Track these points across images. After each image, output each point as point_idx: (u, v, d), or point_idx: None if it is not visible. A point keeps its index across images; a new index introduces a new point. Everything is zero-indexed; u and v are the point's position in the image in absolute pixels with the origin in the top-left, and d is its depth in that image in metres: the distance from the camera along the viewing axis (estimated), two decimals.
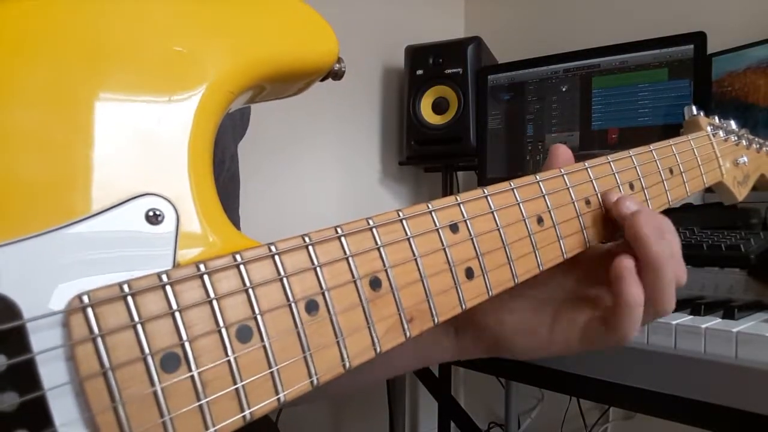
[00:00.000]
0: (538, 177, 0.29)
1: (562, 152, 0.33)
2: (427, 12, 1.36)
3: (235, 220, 0.46)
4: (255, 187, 1.00)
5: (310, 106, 1.11)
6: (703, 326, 0.44)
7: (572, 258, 0.30)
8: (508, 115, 1.10)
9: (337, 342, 0.21)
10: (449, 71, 1.11)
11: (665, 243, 0.29)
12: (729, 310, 0.48)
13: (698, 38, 0.92)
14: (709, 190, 0.44)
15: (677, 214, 0.77)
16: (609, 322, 0.29)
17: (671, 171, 0.37)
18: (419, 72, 1.14)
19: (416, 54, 1.15)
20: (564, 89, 1.04)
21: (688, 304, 0.51)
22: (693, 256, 0.60)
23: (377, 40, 1.25)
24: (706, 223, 0.72)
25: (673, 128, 0.86)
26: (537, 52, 1.09)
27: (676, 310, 0.50)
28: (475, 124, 1.11)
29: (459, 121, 1.11)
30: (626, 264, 0.29)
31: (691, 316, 0.48)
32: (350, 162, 1.22)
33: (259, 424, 0.20)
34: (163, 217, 0.20)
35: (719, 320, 0.46)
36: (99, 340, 0.17)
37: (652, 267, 0.29)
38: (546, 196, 0.29)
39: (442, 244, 0.25)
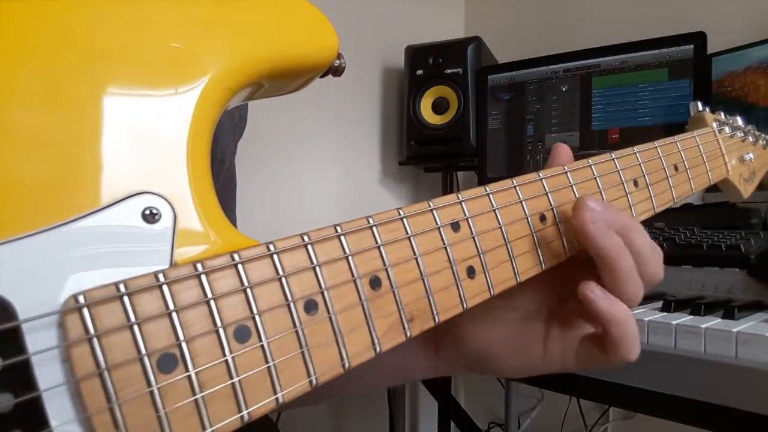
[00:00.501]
0: (541, 174, 0.29)
1: (563, 151, 0.32)
2: (427, 12, 1.36)
3: (232, 220, 0.46)
4: (255, 187, 1.00)
5: (310, 105, 1.11)
6: (703, 326, 0.44)
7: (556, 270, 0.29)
8: (508, 115, 1.10)
9: (337, 342, 0.21)
10: (449, 71, 1.11)
11: (613, 237, 0.27)
12: (729, 310, 0.48)
13: (698, 38, 0.92)
14: (709, 189, 0.44)
15: (677, 214, 0.77)
16: (604, 344, 0.28)
17: (676, 168, 0.36)
18: (419, 72, 1.14)
19: (416, 54, 1.15)
20: (564, 89, 1.04)
21: (688, 304, 0.51)
22: (693, 256, 0.60)
23: (377, 40, 1.25)
24: (706, 223, 0.72)
25: (673, 128, 0.86)
26: (537, 52, 1.09)
27: (676, 310, 0.50)
28: (475, 124, 1.11)
29: (459, 121, 1.11)
30: (587, 287, 0.27)
31: (691, 316, 0.48)
32: (350, 162, 1.22)
33: (258, 424, 0.19)
34: (160, 216, 0.19)
35: (719, 320, 0.46)
36: (95, 340, 0.17)
37: (604, 262, 0.27)
38: (549, 194, 0.29)
39: (444, 243, 0.24)
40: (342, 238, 0.21)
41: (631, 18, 1.14)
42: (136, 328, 0.17)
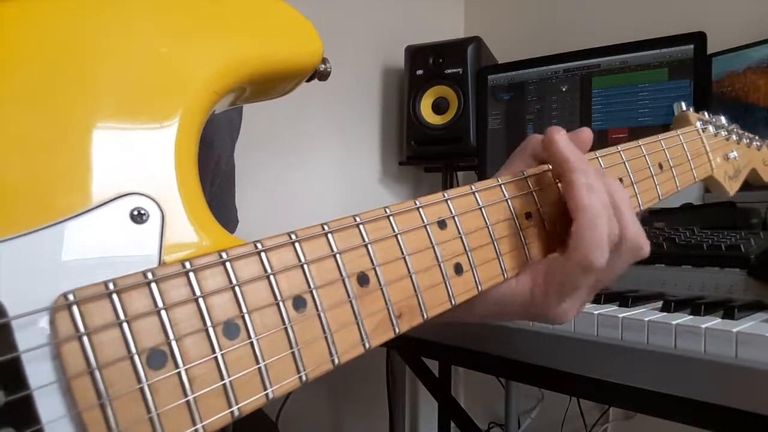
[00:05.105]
0: (526, 173, 0.29)
1: (586, 135, 0.32)
2: (427, 12, 1.36)
3: (232, 212, 0.47)
4: (254, 187, 1.00)
5: (310, 106, 1.11)
6: (703, 326, 0.44)
7: None
8: (508, 115, 1.10)
9: (326, 338, 0.21)
10: (449, 71, 1.11)
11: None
12: (729, 310, 0.47)
13: (698, 38, 0.92)
14: (709, 189, 0.44)
15: (677, 214, 0.77)
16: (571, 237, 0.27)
17: (660, 166, 0.37)
18: (419, 72, 1.14)
19: (416, 54, 1.15)
20: (564, 89, 1.04)
21: (688, 304, 0.51)
22: (693, 256, 0.60)
23: (377, 40, 1.26)
24: (706, 223, 0.72)
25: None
26: (537, 52, 1.09)
27: (676, 310, 0.49)
28: (475, 124, 1.11)
29: (459, 121, 1.11)
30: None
31: (691, 316, 0.48)
32: (350, 162, 1.22)
33: (258, 423, 0.20)
34: (148, 216, 0.20)
35: (719, 320, 0.46)
36: (85, 338, 0.17)
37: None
38: (534, 192, 0.29)
39: (431, 241, 0.25)
40: (329, 236, 0.22)
41: (631, 18, 1.14)
42: (125, 325, 0.18)
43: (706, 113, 0.45)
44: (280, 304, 0.20)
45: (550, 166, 0.31)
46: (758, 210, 0.76)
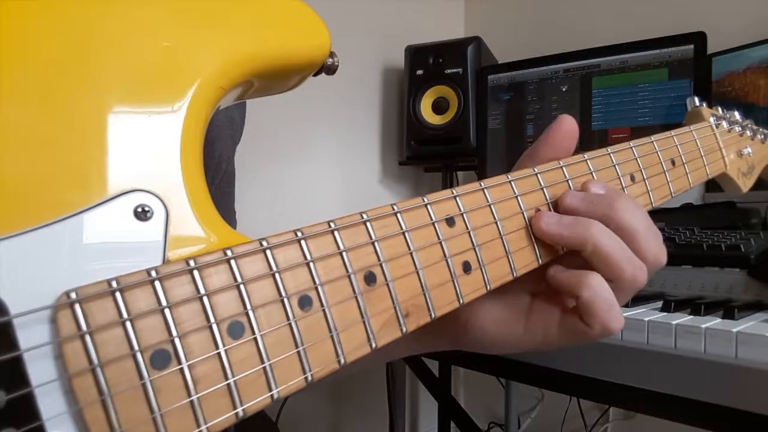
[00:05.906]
0: (536, 169, 0.29)
1: (566, 123, 0.30)
2: (427, 12, 1.36)
3: (231, 214, 0.47)
4: (255, 187, 1.00)
5: (310, 106, 1.11)
6: (703, 326, 0.44)
7: None
8: (508, 115, 1.10)
9: (332, 337, 0.21)
10: (449, 71, 1.11)
11: (580, 225, 0.27)
12: (729, 310, 0.47)
13: (698, 38, 0.92)
14: (710, 189, 0.44)
15: (677, 214, 0.77)
16: (583, 314, 0.27)
17: (673, 162, 0.36)
18: (419, 72, 1.14)
19: (416, 54, 1.15)
20: (564, 89, 1.04)
21: (688, 304, 0.50)
22: (693, 256, 0.60)
23: (377, 40, 1.25)
24: (706, 223, 0.72)
25: (673, 128, 0.86)
26: (537, 52, 1.09)
27: (676, 310, 0.49)
28: (475, 124, 1.11)
29: (459, 121, 1.11)
30: (551, 268, 0.27)
31: (691, 316, 0.47)
32: (350, 162, 1.22)
33: (258, 423, 0.19)
34: (152, 213, 0.19)
35: (719, 320, 0.46)
36: (87, 336, 0.17)
37: (587, 253, 0.27)
38: (544, 189, 0.29)
39: (438, 238, 0.24)
40: (336, 233, 0.21)
41: (631, 18, 1.14)
42: (128, 324, 0.17)
43: (719, 108, 0.44)
44: (286, 302, 0.20)
45: (562, 163, 0.30)
46: (758, 210, 0.76)
